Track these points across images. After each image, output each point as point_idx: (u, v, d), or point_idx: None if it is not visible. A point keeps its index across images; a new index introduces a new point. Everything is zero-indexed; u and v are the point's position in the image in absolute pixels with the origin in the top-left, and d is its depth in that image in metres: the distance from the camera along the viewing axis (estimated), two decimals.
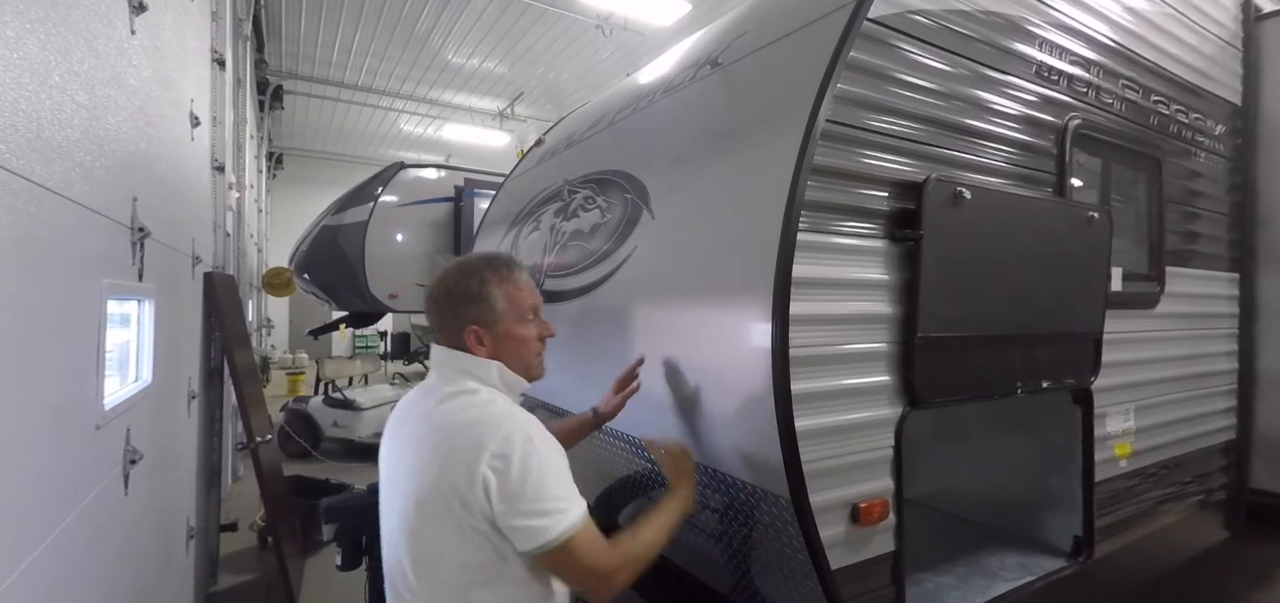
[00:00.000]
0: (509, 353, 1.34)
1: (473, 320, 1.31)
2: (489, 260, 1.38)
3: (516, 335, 1.35)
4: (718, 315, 1.73)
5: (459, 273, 1.35)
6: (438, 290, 1.35)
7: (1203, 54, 2.75)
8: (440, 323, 1.35)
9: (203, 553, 3.54)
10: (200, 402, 3.39)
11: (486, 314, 1.32)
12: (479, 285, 1.33)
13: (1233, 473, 2.95)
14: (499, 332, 1.33)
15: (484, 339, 1.32)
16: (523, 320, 1.37)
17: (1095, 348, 2.18)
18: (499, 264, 1.38)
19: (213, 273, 3.70)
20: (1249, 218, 2.95)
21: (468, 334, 1.31)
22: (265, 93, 10.46)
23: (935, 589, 2.05)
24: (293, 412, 6.98)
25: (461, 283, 1.33)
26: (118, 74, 1.76)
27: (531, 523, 1.12)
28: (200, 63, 3.60)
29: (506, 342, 1.34)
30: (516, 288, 1.37)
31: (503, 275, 1.35)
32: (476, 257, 1.41)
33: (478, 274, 1.34)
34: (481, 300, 1.32)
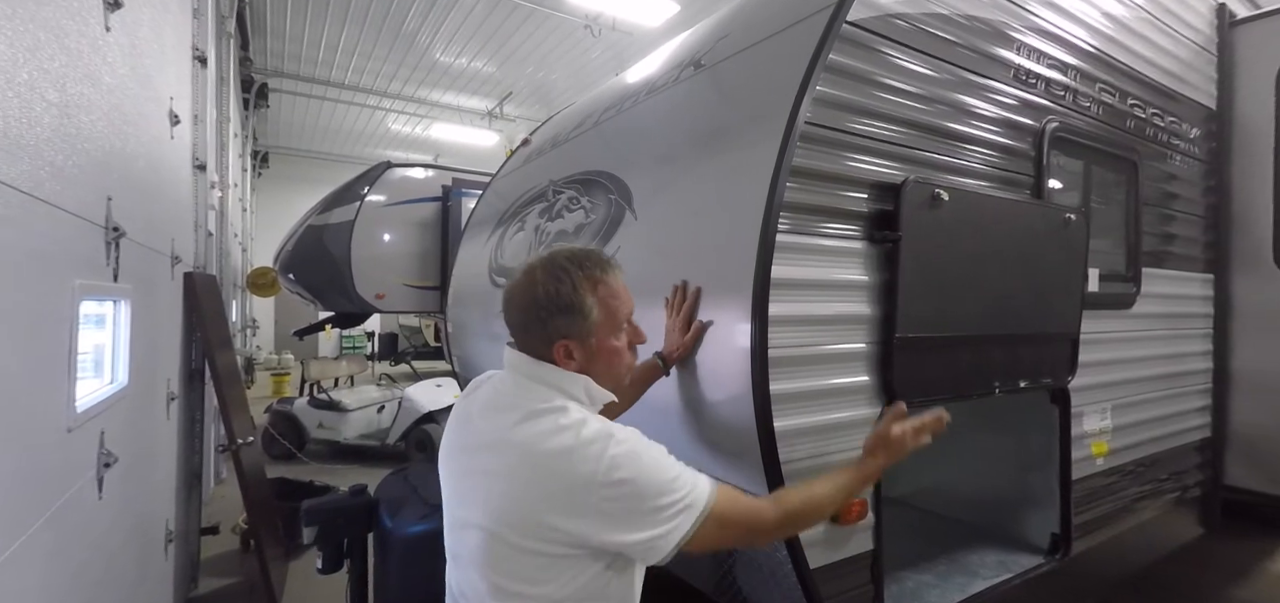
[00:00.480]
0: (600, 368, 1.20)
1: (564, 334, 1.16)
2: (578, 259, 1.21)
3: (610, 348, 1.20)
4: (699, 316, 1.73)
5: (548, 276, 1.17)
6: (523, 296, 1.19)
7: (1178, 58, 2.80)
8: (524, 329, 1.20)
9: (183, 557, 3.49)
10: (180, 404, 3.35)
11: (580, 326, 1.17)
12: (571, 292, 1.16)
13: (1207, 470, 2.99)
14: (591, 346, 1.18)
15: (574, 354, 1.17)
16: (618, 330, 1.22)
17: (1072, 348, 2.21)
18: (591, 265, 1.20)
19: (193, 273, 3.65)
20: (1224, 220, 3.00)
21: (557, 348, 1.16)
22: (250, 91, 10.36)
23: (915, 587, 2.07)
24: (277, 413, 6.91)
25: (552, 289, 1.16)
26: (91, 71, 1.74)
27: (660, 536, 1.05)
28: (180, 60, 3.56)
29: (599, 357, 1.19)
30: (612, 294, 1.21)
31: (596, 279, 1.19)
32: (565, 255, 1.22)
33: (568, 278, 1.17)
34: (574, 310, 1.16)
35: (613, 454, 1.04)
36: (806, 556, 1.55)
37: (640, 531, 1.05)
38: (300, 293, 7.84)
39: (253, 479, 3.65)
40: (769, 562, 1.64)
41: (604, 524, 1.04)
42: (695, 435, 1.77)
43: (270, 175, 15.91)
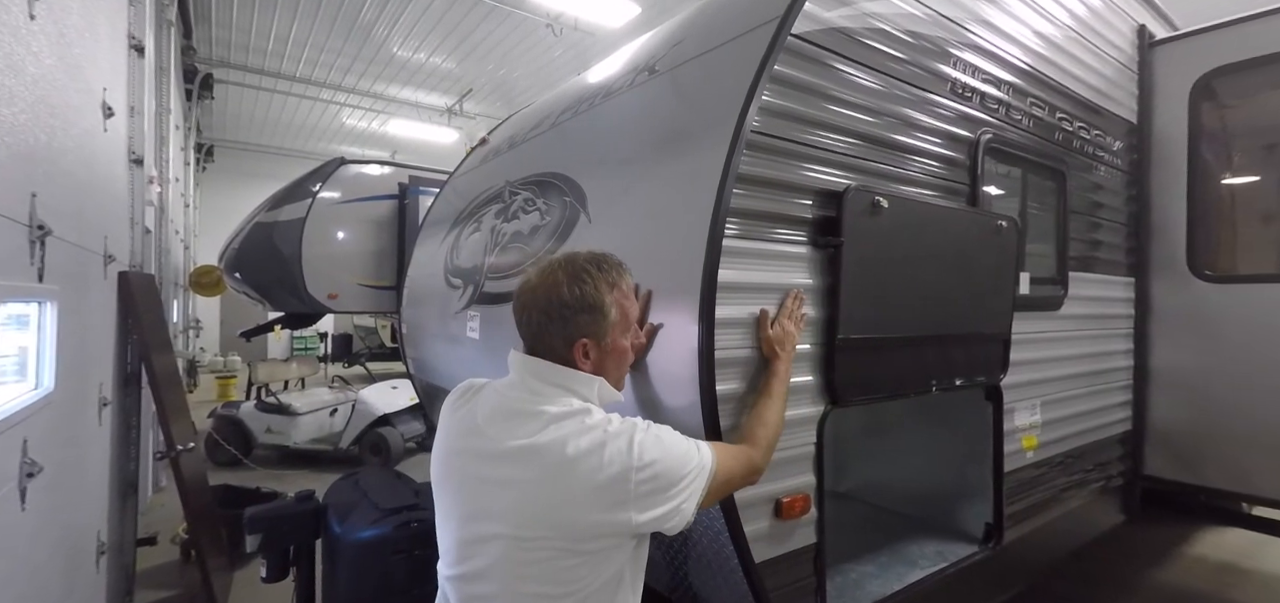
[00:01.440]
0: (610, 367, 1.26)
1: (584, 332, 1.20)
2: (597, 260, 1.25)
3: (621, 348, 1.27)
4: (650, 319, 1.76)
5: (570, 276, 1.21)
6: (547, 296, 1.21)
7: (1103, 75, 2.98)
8: (543, 331, 1.21)
9: (117, 569, 3.33)
10: (114, 409, 3.19)
11: (598, 325, 1.22)
12: (593, 292, 1.21)
13: (1128, 461, 3.20)
14: (606, 345, 1.23)
15: (590, 353, 1.22)
16: (627, 333, 1.29)
17: (1004, 347, 2.34)
18: (607, 266, 1.25)
19: (129, 272, 3.49)
20: (1144, 227, 3.22)
21: (577, 347, 1.20)
22: (193, 81, 9.90)
23: (858, 578, 2.15)
24: (222, 418, 6.65)
25: (576, 289, 1.20)
26: (13, 61, 1.65)
27: (684, 502, 1.16)
28: (115, 49, 3.40)
29: (611, 356, 1.25)
30: (625, 296, 1.27)
31: (613, 280, 1.25)
32: (584, 256, 1.26)
33: (589, 279, 1.22)
34: (595, 310, 1.21)
35: (639, 441, 1.13)
36: (752, 550, 1.60)
37: (670, 503, 1.14)
38: (247, 293, 7.54)
39: (194, 487, 3.52)
40: (717, 558, 1.69)
41: (642, 506, 1.11)
42: None
43: (215, 169, 15.23)
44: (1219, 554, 4.06)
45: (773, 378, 1.54)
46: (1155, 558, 3.95)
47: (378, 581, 2.15)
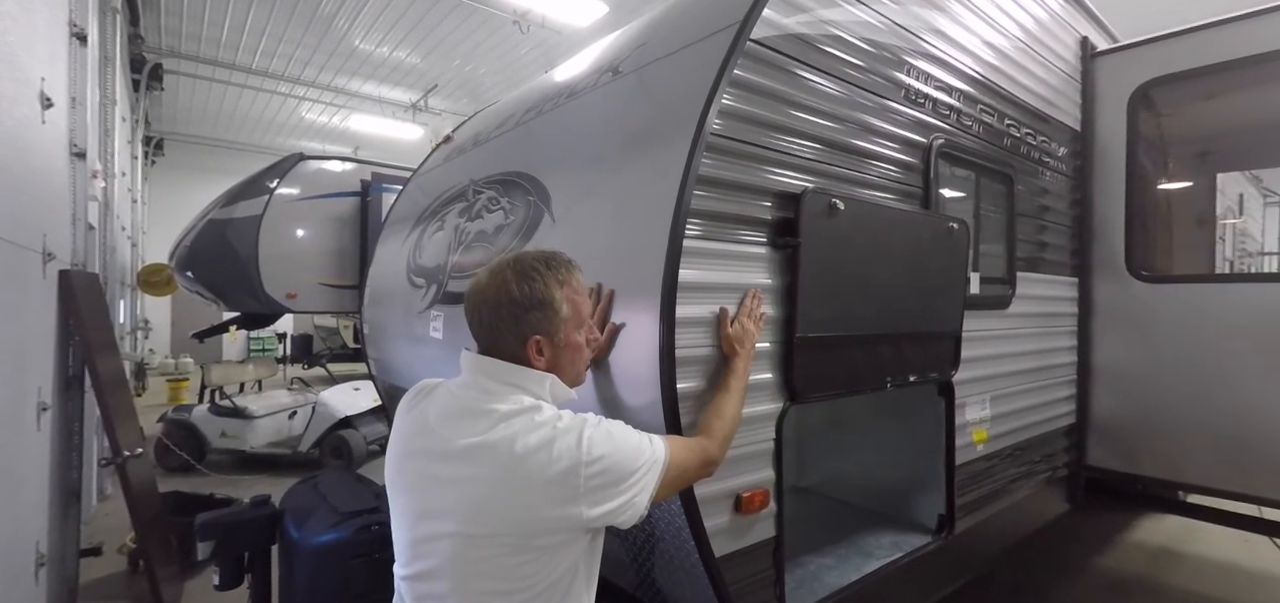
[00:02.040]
0: (566, 363, 1.27)
1: (537, 330, 1.21)
2: (546, 259, 1.27)
3: (574, 344, 1.28)
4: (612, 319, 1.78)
5: (519, 275, 1.22)
6: (495, 294, 1.22)
7: (1048, 84, 3.12)
8: (495, 331, 1.22)
9: (58, 582, 3.18)
10: (54, 414, 3.05)
11: (550, 322, 1.23)
12: (543, 289, 1.22)
13: (1072, 453, 3.36)
14: (559, 341, 1.25)
15: (544, 349, 1.23)
16: (581, 328, 1.30)
17: (956, 345, 2.43)
18: (557, 264, 1.27)
19: (70, 271, 3.33)
20: (1086, 230, 3.38)
21: (530, 344, 1.21)
22: (141, 71, 9.49)
23: (817, 570, 2.21)
24: (172, 422, 6.40)
25: (525, 287, 1.21)
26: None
27: (636, 495, 1.17)
28: (55, 37, 3.24)
29: (565, 351, 1.26)
30: (577, 292, 1.29)
31: (562, 278, 1.26)
32: (533, 255, 1.28)
33: (540, 277, 1.23)
34: (547, 306, 1.22)
35: (589, 436, 1.14)
36: (712, 545, 1.63)
37: (622, 497, 1.16)
38: (200, 292, 7.27)
39: (141, 494, 3.38)
40: (679, 553, 1.71)
41: (593, 501, 1.12)
42: None
43: (166, 164, 14.64)
44: (1156, 539, 4.30)
45: (731, 375, 1.58)
46: (1097, 544, 4.16)
47: (337, 585, 2.11)
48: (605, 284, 1.79)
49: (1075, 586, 3.62)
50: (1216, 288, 3.12)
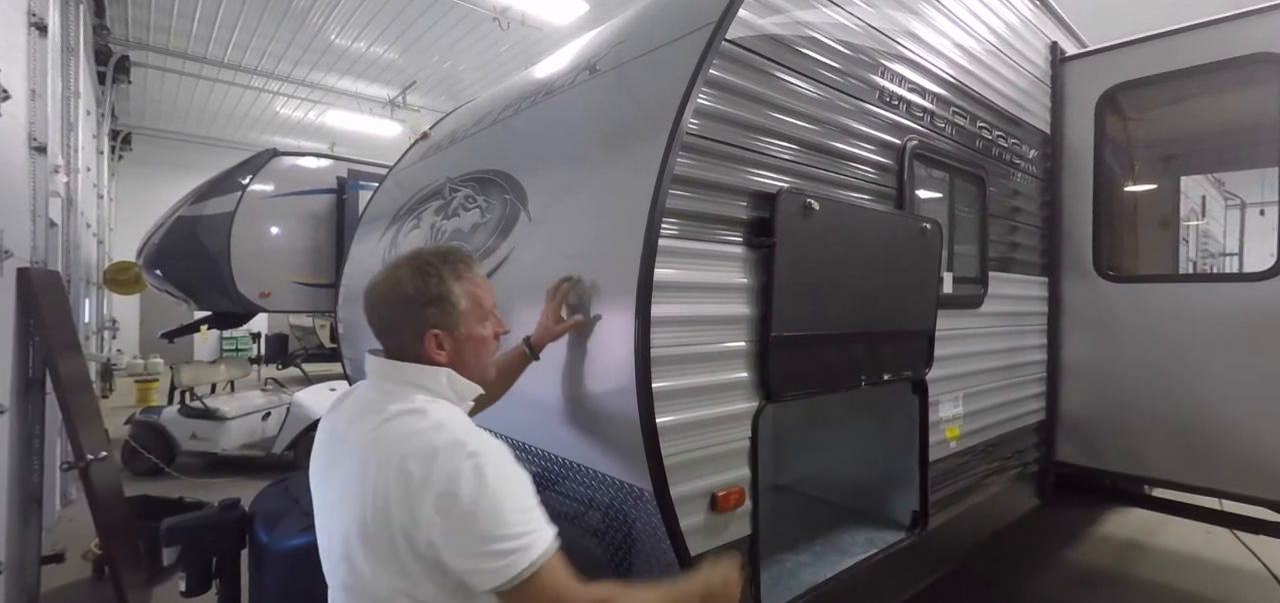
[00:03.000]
0: (469, 356, 1.26)
1: (434, 324, 1.20)
2: (443, 255, 1.27)
3: (478, 337, 1.27)
4: (588, 315, 1.77)
5: (414, 272, 1.22)
6: (389, 293, 1.21)
7: (1019, 88, 3.18)
8: (393, 330, 1.22)
9: (17, 590, 3.08)
10: (12, 417, 2.95)
11: (448, 315, 1.22)
12: (438, 284, 1.21)
13: (1042, 449, 3.43)
14: (460, 334, 1.23)
15: (444, 343, 1.22)
16: (483, 320, 1.28)
17: (929, 343, 2.46)
18: (455, 259, 1.27)
19: (30, 269, 3.23)
20: (1056, 231, 3.45)
21: (428, 339, 1.20)
22: (107, 63, 9.22)
23: (793, 567, 2.22)
24: (140, 424, 6.23)
25: (419, 283, 1.20)
26: None
27: (489, 564, 1.00)
28: (13, 27, 3.14)
29: (468, 344, 1.25)
30: (476, 284, 1.28)
31: (461, 272, 1.26)
32: (430, 252, 1.28)
33: (435, 272, 1.22)
34: (443, 301, 1.21)
35: (455, 467, 1.02)
36: (687, 543, 1.63)
37: (462, 556, 1.01)
38: (170, 291, 7.10)
39: (106, 499, 3.29)
40: (655, 551, 1.71)
41: (434, 532, 1.01)
42: (584, 433, 1.81)
43: (133, 159, 14.24)
44: (1123, 532, 4.41)
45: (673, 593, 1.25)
46: (1066, 538, 4.26)
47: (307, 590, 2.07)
48: (582, 283, 1.79)
49: (1045, 578, 3.71)
50: (1180, 288, 3.21)
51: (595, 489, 1.82)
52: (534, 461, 2.08)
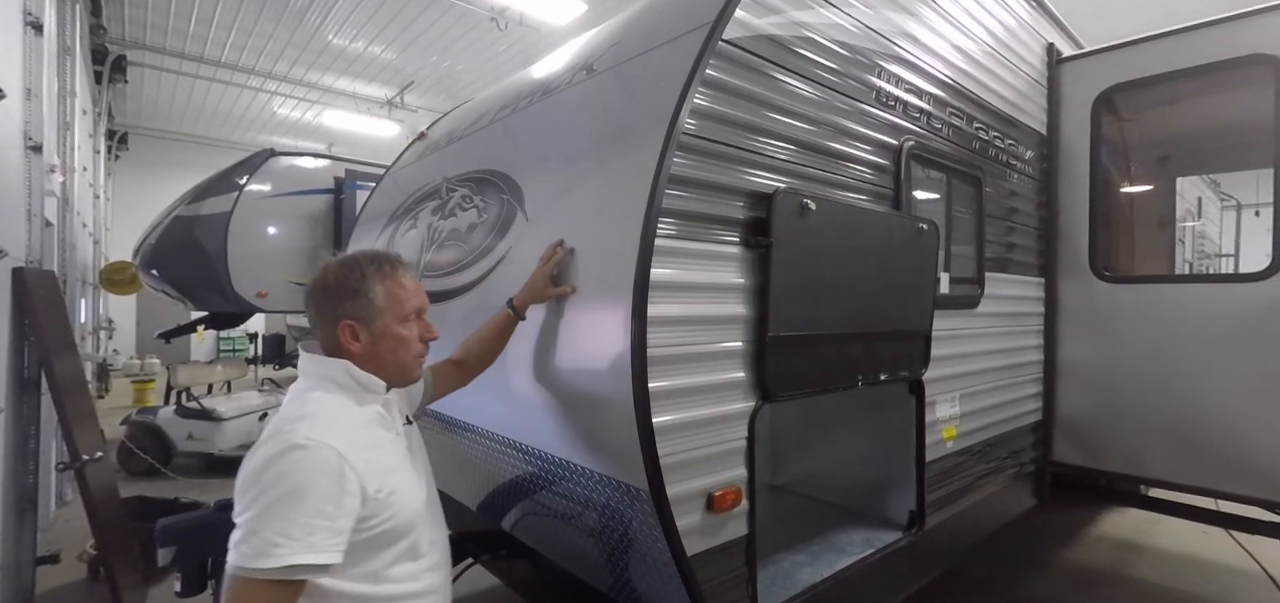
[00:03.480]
0: (386, 352, 1.32)
1: (348, 315, 1.29)
2: (372, 256, 1.36)
3: (395, 335, 1.33)
4: (584, 317, 1.77)
5: (339, 267, 1.32)
6: (315, 286, 1.32)
7: (1016, 89, 3.19)
8: (316, 320, 1.32)
9: (12, 591, 3.07)
10: (8, 417, 2.95)
11: (365, 310, 1.30)
12: (359, 280, 1.30)
13: (1039, 449, 3.44)
14: (376, 329, 1.31)
15: (360, 335, 1.30)
16: (403, 320, 1.34)
17: (925, 343, 2.47)
18: (382, 261, 1.35)
19: (26, 269, 3.22)
20: (1052, 231, 3.46)
21: (342, 329, 1.29)
22: (103, 63, 9.19)
23: (790, 567, 2.23)
24: (137, 425, 6.22)
25: (340, 277, 1.30)
26: None
27: (242, 543, 1.04)
28: (8, 26, 3.13)
29: (384, 340, 1.32)
30: (399, 286, 1.35)
31: (385, 272, 1.34)
32: (360, 252, 1.36)
33: (358, 269, 1.31)
34: (360, 295, 1.30)
35: (269, 455, 1.09)
36: (684, 543, 1.63)
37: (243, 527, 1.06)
38: (166, 291, 7.07)
39: (102, 500, 3.28)
40: (651, 552, 1.71)
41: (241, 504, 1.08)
42: (581, 433, 1.81)
43: (130, 159, 14.20)
44: (1119, 532, 4.43)
45: None
46: (1063, 538, 4.27)
47: None
48: (577, 282, 1.79)
49: (1042, 578, 3.71)
50: (1176, 288, 3.21)
51: (592, 489, 1.82)
52: (532, 461, 2.08)
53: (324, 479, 1.10)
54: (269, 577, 1.04)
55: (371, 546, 1.20)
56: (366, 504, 1.16)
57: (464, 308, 2.36)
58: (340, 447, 1.13)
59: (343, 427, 1.19)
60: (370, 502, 1.17)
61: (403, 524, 1.25)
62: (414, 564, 1.29)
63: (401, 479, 1.28)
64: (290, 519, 1.06)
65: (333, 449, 1.12)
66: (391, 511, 1.21)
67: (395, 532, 1.23)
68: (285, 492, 1.07)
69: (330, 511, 1.10)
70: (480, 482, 2.46)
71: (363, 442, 1.21)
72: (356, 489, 1.14)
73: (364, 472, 1.16)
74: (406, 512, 1.26)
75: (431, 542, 1.36)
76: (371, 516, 1.18)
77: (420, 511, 1.32)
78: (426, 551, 1.33)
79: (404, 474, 1.31)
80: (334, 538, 1.10)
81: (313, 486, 1.09)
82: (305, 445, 1.10)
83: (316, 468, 1.10)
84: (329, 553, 1.08)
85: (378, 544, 1.21)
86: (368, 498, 1.16)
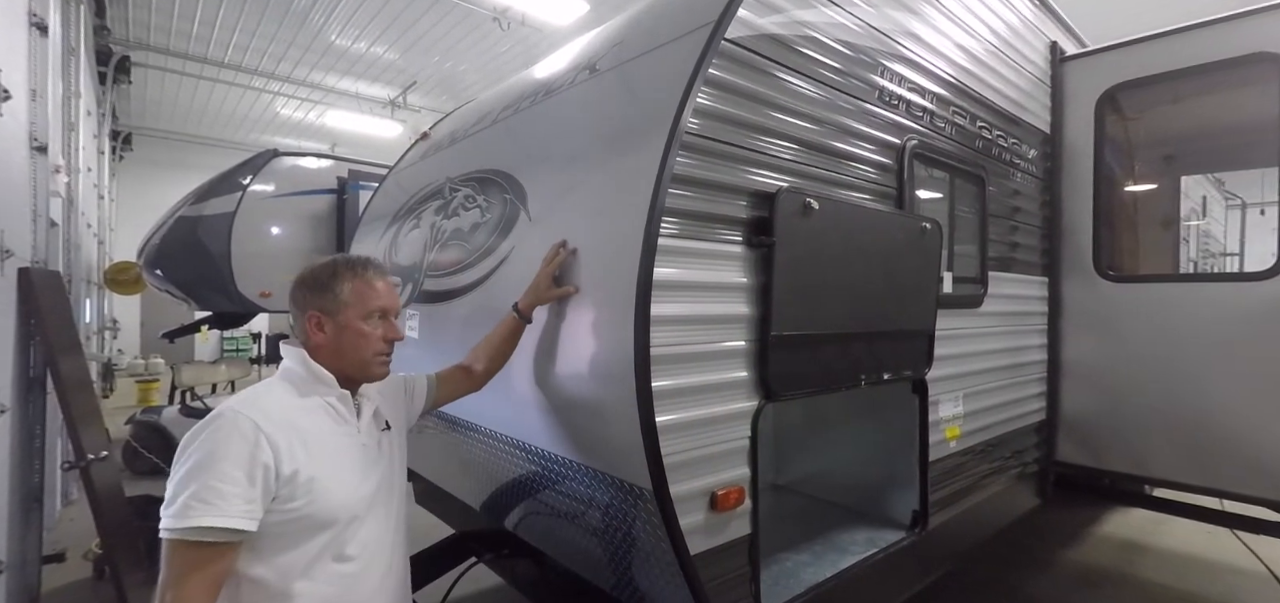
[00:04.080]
0: (348, 345, 1.40)
1: (315, 307, 1.39)
2: (348, 257, 1.46)
3: (357, 330, 1.40)
4: (587, 317, 1.77)
5: (316, 265, 1.43)
6: (294, 282, 1.43)
7: (1019, 87, 3.18)
8: (292, 312, 1.43)
9: (18, 589, 3.08)
10: (13, 417, 2.96)
11: (329, 303, 1.39)
12: (329, 276, 1.40)
13: (1043, 448, 3.43)
14: (340, 322, 1.39)
15: (324, 326, 1.39)
16: (366, 318, 1.42)
17: (929, 343, 2.46)
18: (354, 262, 1.45)
19: (31, 269, 3.23)
20: (1056, 230, 3.45)
21: (308, 319, 1.39)
22: (108, 64, 9.22)
23: (793, 567, 2.22)
24: (141, 424, 6.24)
25: (313, 273, 1.42)
26: None
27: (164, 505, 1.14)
28: (12, 27, 3.14)
29: (346, 333, 1.39)
30: (366, 285, 1.43)
31: (356, 271, 1.43)
32: (337, 254, 1.48)
33: (331, 266, 1.42)
34: (327, 290, 1.39)
35: (198, 427, 1.20)
36: (687, 543, 1.63)
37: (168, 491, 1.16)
38: (170, 291, 7.09)
39: (107, 499, 3.28)
40: (655, 551, 1.71)
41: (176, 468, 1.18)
42: (584, 432, 1.82)
43: (134, 159, 14.24)
44: (1123, 532, 4.41)
45: None
46: (1067, 538, 4.26)
47: None
48: (580, 282, 1.79)
49: (1045, 578, 3.70)
50: (1180, 287, 3.20)
51: (595, 488, 1.83)
52: (535, 460, 2.08)
53: (236, 444, 1.17)
54: (185, 537, 1.11)
55: (289, 533, 1.23)
56: (282, 483, 1.21)
57: (468, 307, 2.37)
58: (258, 419, 1.21)
59: (272, 405, 1.27)
60: (285, 482, 1.21)
61: (321, 516, 1.26)
62: (338, 566, 1.29)
63: (332, 470, 1.30)
64: (203, 482, 1.13)
65: (250, 419, 1.20)
66: (310, 497, 1.24)
67: (312, 522, 1.25)
68: (203, 456, 1.16)
69: (239, 477, 1.16)
70: (483, 481, 2.47)
71: (290, 424, 1.26)
72: (270, 462, 1.19)
73: (283, 448, 1.22)
74: (328, 503, 1.27)
75: (365, 547, 1.35)
76: (289, 498, 1.22)
77: (350, 508, 1.32)
78: (355, 555, 1.32)
79: (340, 468, 1.32)
80: (245, 505, 1.15)
81: (225, 450, 1.16)
82: (224, 414, 1.20)
83: (230, 434, 1.18)
84: (240, 519, 1.14)
85: (295, 533, 1.24)
86: (283, 477, 1.21)
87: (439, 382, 1.78)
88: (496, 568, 2.82)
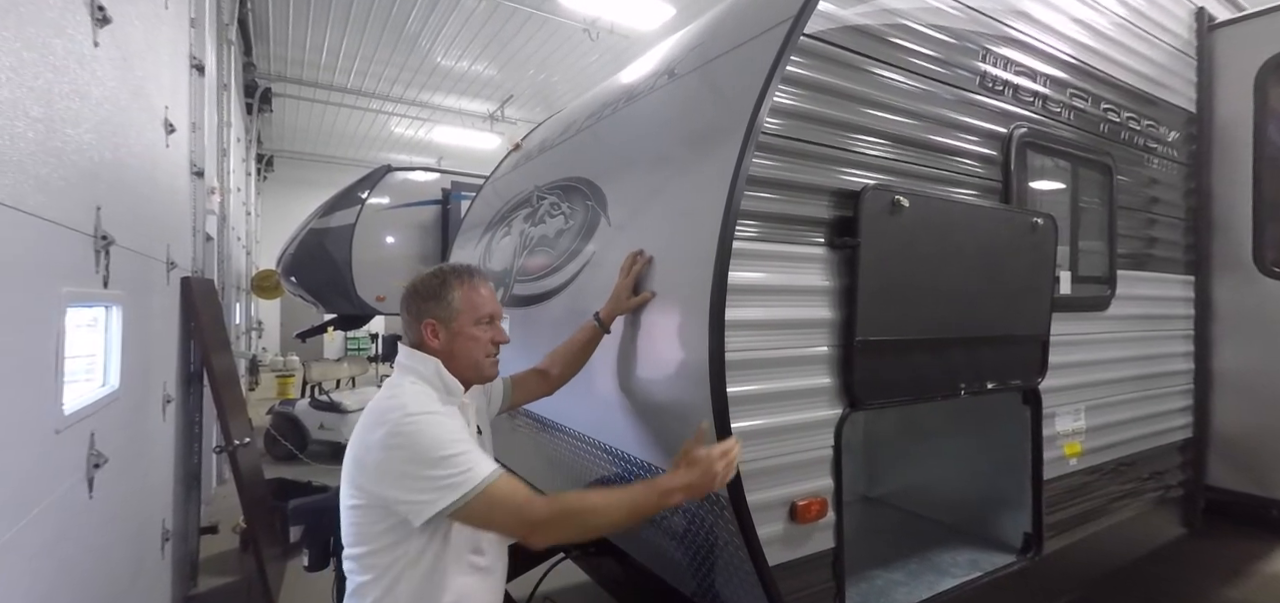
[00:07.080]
0: (460, 350, 1.49)
1: (430, 315, 1.48)
2: (454, 266, 1.56)
3: (469, 335, 1.50)
4: (664, 321, 1.78)
5: (429, 275, 1.53)
6: (406, 290, 1.52)
7: (1155, 63, 2.81)
8: (405, 320, 1.52)
9: (182, 555, 3.57)
10: (177, 406, 3.42)
11: (443, 311, 1.48)
12: (439, 285, 1.50)
13: (1189, 470, 3.01)
14: (453, 329, 1.48)
15: (438, 334, 1.48)
16: (477, 323, 1.51)
17: (1042, 350, 2.24)
18: (462, 270, 1.54)
19: (191, 277, 3.73)
20: (1204, 222, 3.01)
21: (424, 327, 1.47)
22: (253, 95, 10.47)
23: (884, 585, 2.10)
24: (279, 415, 7.00)
25: (425, 282, 1.51)
26: (79, 86, 1.81)
27: (427, 497, 1.24)
28: (177, 69, 3.64)
29: (459, 339, 1.49)
30: (474, 292, 1.52)
31: (464, 279, 1.52)
32: (447, 264, 1.57)
33: (441, 276, 1.51)
34: (440, 298, 1.49)
35: (397, 420, 1.29)
36: (765, 553, 1.59)
37: (407, 491, 1.27)
38: (302, 295, 7.92)
39: (250, 480, 3.73)
40: (734, 560, 1.69)
41: (381, 478, 1.29)
42: (662, 438, 1.82)
43: (275, 179, 16.06)
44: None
45: (651, 487, 1.40)
46: (1225, 574, 3.69)
47: None
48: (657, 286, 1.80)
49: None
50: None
51: None
52: (617, 462, 2.11)
53: (444, 426, 1.32)
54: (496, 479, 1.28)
55: (446, 522, 1.34)
56: None
57: (554, 312, 2.45)
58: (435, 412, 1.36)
59: (429, 408, 1.36)
60: None
61: None
62: (474, 558, 1.42)
63: None
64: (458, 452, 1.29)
65: (433, 415, 1.33)
66: None
67: None
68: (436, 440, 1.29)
69: (464, 436, 1.34)
70: (569, 480, 2.54)
71: None
72: None
73: None
74: None
75: (491, 544, 1.47)
76: None
77: None
78: (485, 550, 1.45)
79: None
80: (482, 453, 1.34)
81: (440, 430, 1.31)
82: (416, 415, 1.31)
83: (432, 422, 1.31)
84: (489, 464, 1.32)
85: (450, 523, 1.35)
86: None
87: (514, 385, 1.86)
88: (582, 565, 2.90)
